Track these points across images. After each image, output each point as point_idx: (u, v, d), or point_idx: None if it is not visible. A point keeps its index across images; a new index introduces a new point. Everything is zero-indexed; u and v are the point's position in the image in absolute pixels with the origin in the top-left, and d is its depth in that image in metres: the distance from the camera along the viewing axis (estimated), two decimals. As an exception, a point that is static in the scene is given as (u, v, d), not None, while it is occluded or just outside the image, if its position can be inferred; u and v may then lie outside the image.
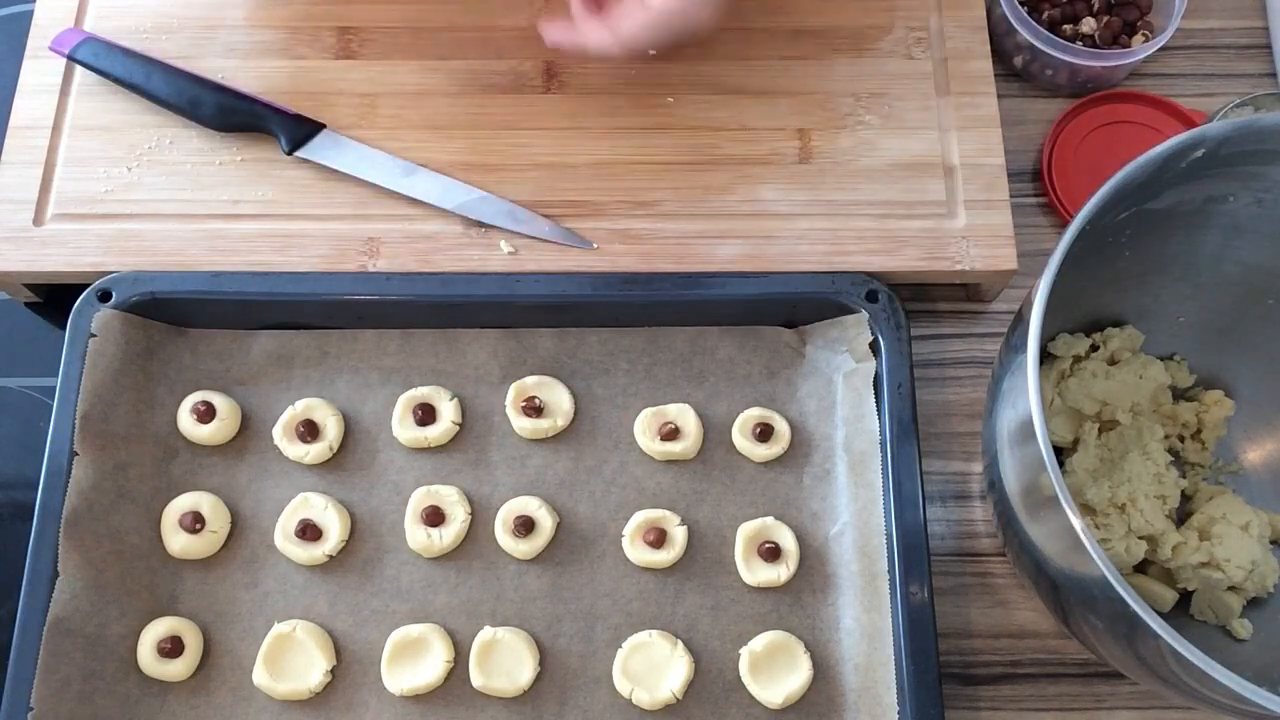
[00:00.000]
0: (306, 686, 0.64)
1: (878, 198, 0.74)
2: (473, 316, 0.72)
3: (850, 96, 0.77)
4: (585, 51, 0.70)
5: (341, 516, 0.68)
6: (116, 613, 0.65)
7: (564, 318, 0.72)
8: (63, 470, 0.66)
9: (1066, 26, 0.81)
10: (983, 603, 0.70)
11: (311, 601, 0.67)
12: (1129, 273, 0.67)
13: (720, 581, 0.68)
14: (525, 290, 0.71)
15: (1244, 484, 0.71)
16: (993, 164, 0.75)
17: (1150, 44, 0.78)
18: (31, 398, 0.74)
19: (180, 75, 0.76)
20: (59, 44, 0.76)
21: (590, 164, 0.75)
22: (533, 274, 0.71)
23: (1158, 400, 0.70)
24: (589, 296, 0.71)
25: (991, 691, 0.68)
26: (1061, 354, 0.69)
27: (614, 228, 0.73)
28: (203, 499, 0.68)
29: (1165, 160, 0.57)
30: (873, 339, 0.70)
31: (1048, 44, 0.77)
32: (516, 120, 0.77)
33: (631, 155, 0.76)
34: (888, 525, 0.66)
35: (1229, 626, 0.66)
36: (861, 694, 0.64)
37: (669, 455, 0.70)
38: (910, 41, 0.79)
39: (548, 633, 0.66)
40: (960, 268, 0.72)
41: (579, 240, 0.73)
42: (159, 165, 0.75)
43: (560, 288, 0.71)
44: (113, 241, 0.72)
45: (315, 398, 0.71)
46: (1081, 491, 0.66)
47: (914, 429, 0.67)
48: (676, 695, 0.64)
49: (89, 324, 0.69)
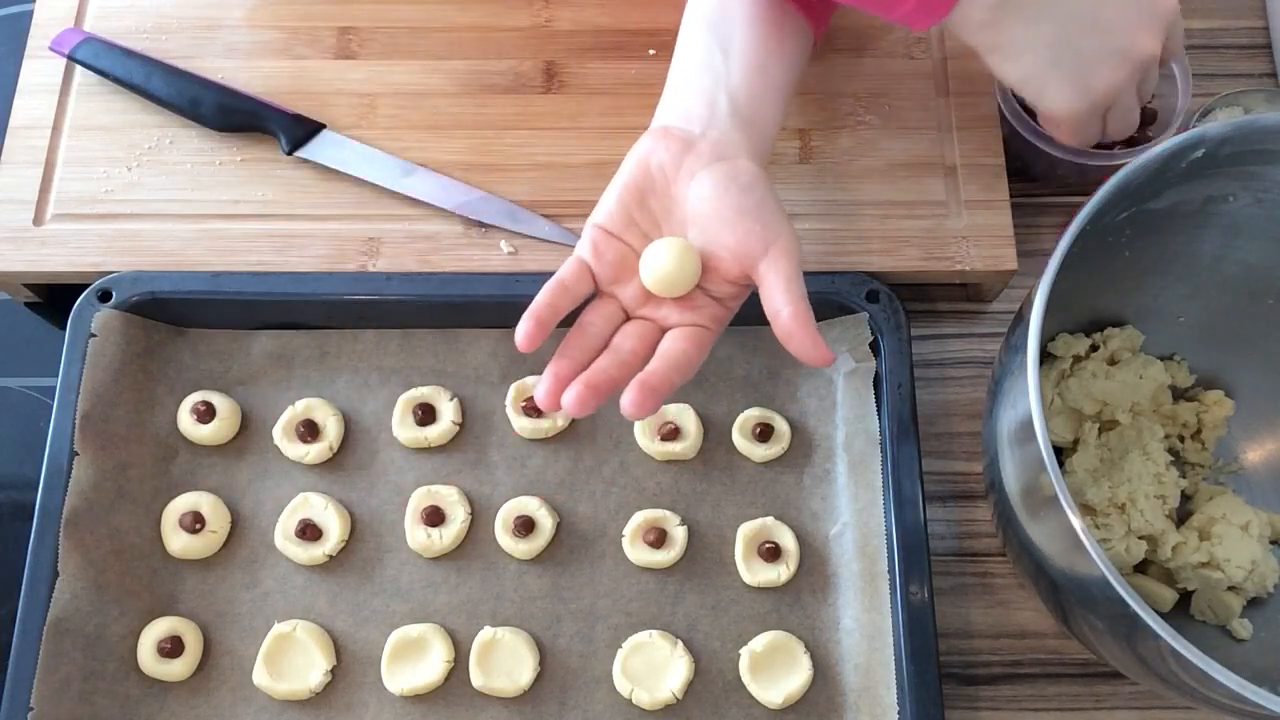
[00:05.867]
0: (306, 686, 0.64)
1: (878, 198, 0.74)
2: (473, 316, 0.72)
3: (850, 96, 0.77)
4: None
5: (341, 516, 0.68)
6: (116, 613, 0.65)
7: (564, 318, 0.72)
8: (63, 470, 0.66)
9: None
10: (983, 603, 0.70)
11: (311, 601, 0.67)
12: (1129, 273, 0.67)
13: (720, 581, 0.68)
14: (525, 290, 0.70)
15: (1244, 484, 0.71)
16: (993, 164, 0.75)
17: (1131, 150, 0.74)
18: (31, 398, 0.74)
19: (180, 75, 0.76)
20: (59, 44, 0.76)
21: (590, 164, 0.75)
22: (533, 274, 0.71)
23: (1158, 400, 0.70)
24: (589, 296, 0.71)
25: (991, 691, 0.68)
26: (1061, 354, 0.69)
27: (614, 228, 0.73)
28: (203, 499, 0.68)
29: (1165, 160, 0.57)
30: (873, 339, 0.70)
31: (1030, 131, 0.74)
32: (516, 120, 0.77)
33: (631, 155, 0.76)
34: (888, 525, 0.66)
35: (1229, 626, 0.66)
36: (861, 694, 0.64)
37: (669, 455, 0.70)
38: (910, 41, 0.79)
39: (548, 633, 0.66)
40: (960, 268, 0.72)
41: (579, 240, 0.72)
42: (159, 165, 0.75)
43: (560, 288, 0.71)
44: (113, 241, 0.72)
45: (315, 398, 0.71)
46: (1081, 491, 0.66)
47: (914, 429, 0.67)
48: (676, 695, 0.64)
49: (89, 324, 0.69)
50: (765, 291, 0.57)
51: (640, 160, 0.60)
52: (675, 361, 0.56)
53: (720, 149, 0.59)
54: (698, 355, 0.57)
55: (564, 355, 0.57)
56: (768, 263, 0.57)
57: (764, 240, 0.57)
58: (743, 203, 0.58)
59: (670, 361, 0.56)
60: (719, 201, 0.58)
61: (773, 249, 0.57)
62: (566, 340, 0.57)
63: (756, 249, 0.57)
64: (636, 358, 0.57)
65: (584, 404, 0.54)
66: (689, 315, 0.58)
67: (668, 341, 0.57)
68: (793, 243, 0.58)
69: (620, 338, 0.58)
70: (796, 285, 0.57)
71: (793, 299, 0.56)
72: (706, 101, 0.61)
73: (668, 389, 0.55)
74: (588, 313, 0.59)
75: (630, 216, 0.59)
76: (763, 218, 0.58)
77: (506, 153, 0.76)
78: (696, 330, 0.58)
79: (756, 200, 0.58)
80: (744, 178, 0.59)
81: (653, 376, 0.55)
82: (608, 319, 0.59)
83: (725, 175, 0.59)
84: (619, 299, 0.59)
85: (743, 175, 0.59)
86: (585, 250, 0.59)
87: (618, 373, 0.56)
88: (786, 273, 0.57)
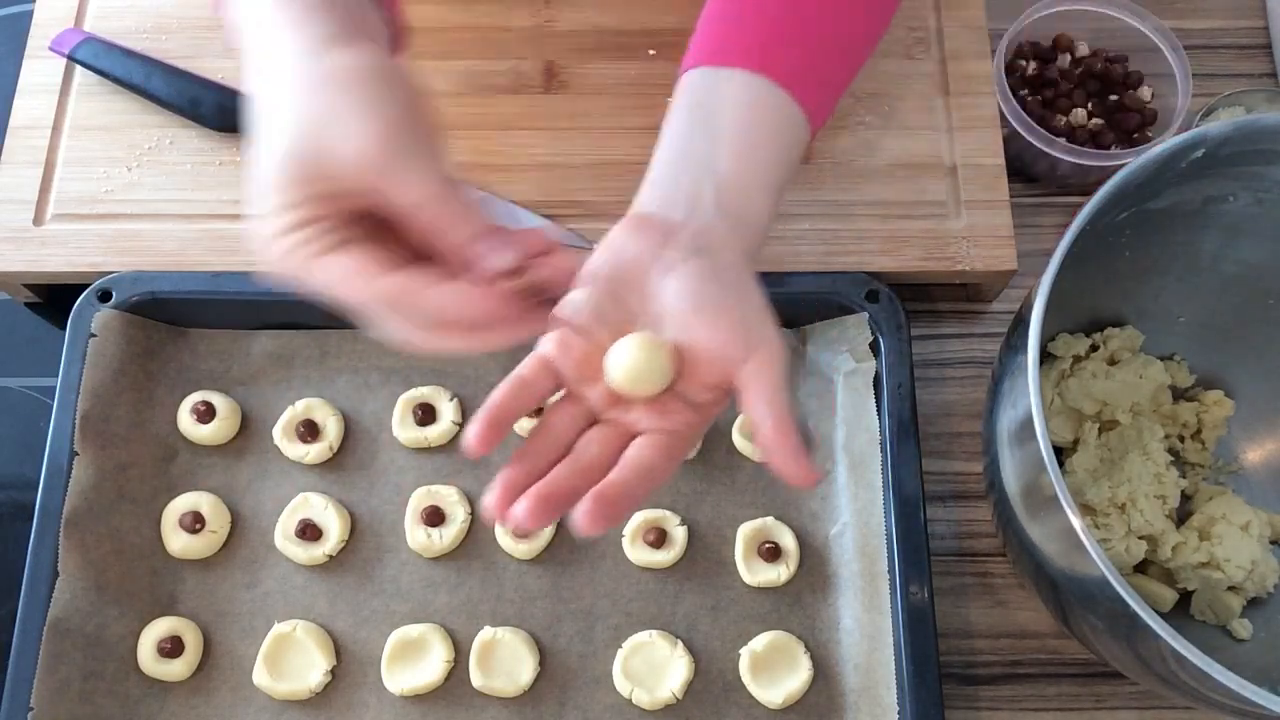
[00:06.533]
0: (306, 686, 0.64)
1: (878, 198, 0.74)
2: (473, 316, 0.72)
3: (850, 97, 0.77)
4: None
5: (341, 516, 0.68)
6: (116, 613, 0.65)
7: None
8: (63, 470, 0.66)
9: (1060, 117, 0.78)
10: (983, 603, 0.70)
11: (311, 601, 0.67)
12: (1129, 273, 0.67)
13: (720, 581, 0.68)
14: (525, 290, 0.71)
15: (1244, 484, 0.71)
16: (993, 164, 0.75)
17: (1131, 150, 0.75)
18: (31, 398, 0.74)
19: (180, 75, 0.76)
20: (59, 44, 0.76)
21: (590, 164, 0.75)
22: (533, 274, 0.71)
23: (1158, 400, 0.70)
24: (589, 296, 0.71)
25: (991, 691, 0.68)
26: (1061, 354, 0.69)
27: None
28: (203, 499, 0.68)
29: (1165, 160, 0.57)
30: (873, 339, 0.70)
31: (1029, 131, 0.75)
32: (516, 120, 0.77)
33: (631, 155, 0.75)
34: (888, 525, 0.66)
35: (1229, 626, 0.66)
36: (861, 694, 0.64)
37: (669, 455, 0.70)
38: (910, 41, 0.79)
39: (548, 633, 0.66)
40: (960, 268, 0.72)
41: (579, 240, 0.73)
42: (159, 165, 0.75)
43: (560, 288, 0.71)
44: (113, 241, 0.72)
45: (315, 398, 0.71)
46: (1081, 491, 0.66)
47: (914, 429, 0.67)
48: (676, 695, 0.64)
49: (89, 324, 0.69)
50: (745, 402, 0.51)
51: (614, 250, 0.53)
52: (639, 471, 0.50)
53: (703, 241, 0.53)
54: (665, 466, 0.50)
55: (519, 460, 0.50)
56: (750, 370, 0.51)
57: (747, 344, 0.51)
58: (725, 301, 0.52)
59: (634, 471, 0.50)
60: (698, 298, 0.52)
61: (756, 355, 0.51)
62: (526, 443, 0.51)
63: (738, 353, 0.51)
64: (599, 466, 0.50)
65: (536, 517, 0.47)
66: (660, 421, 0.51)
67: (634, 449, 0.51)
68: (778, 349, 0.52)
69: (583, 443, 0.51)
70: (781, 397, 0.51)
71: (775, 412, 0.50)
72: (690, 189, 0.55)
73: (628, 503, 0.49)
74: (550, 413, 0.52)
75: (601, 310, 0.52)
76: (746, 319, 0.52)
77: (507, 153, 0.76)
78: (667, 438, 0.51)
79: (740, 299, 0.53)
80: (728, 274, 0.53)
81: (612, 488, 0.48)
82: (572, 421, 0.52)
83: (707, 270, 0.52)
84: (587, 400, 0.52)
85: (726, 271, 0.53)
86: (548, 346, 0.52)
87: (577, 482, 0.49)
88: (770, 382, 0.51)
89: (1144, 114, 0.78)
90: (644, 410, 0.51)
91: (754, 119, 0.57)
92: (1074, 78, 0.80)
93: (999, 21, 0.79)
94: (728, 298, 0.52)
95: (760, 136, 0.57)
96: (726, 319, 0.52)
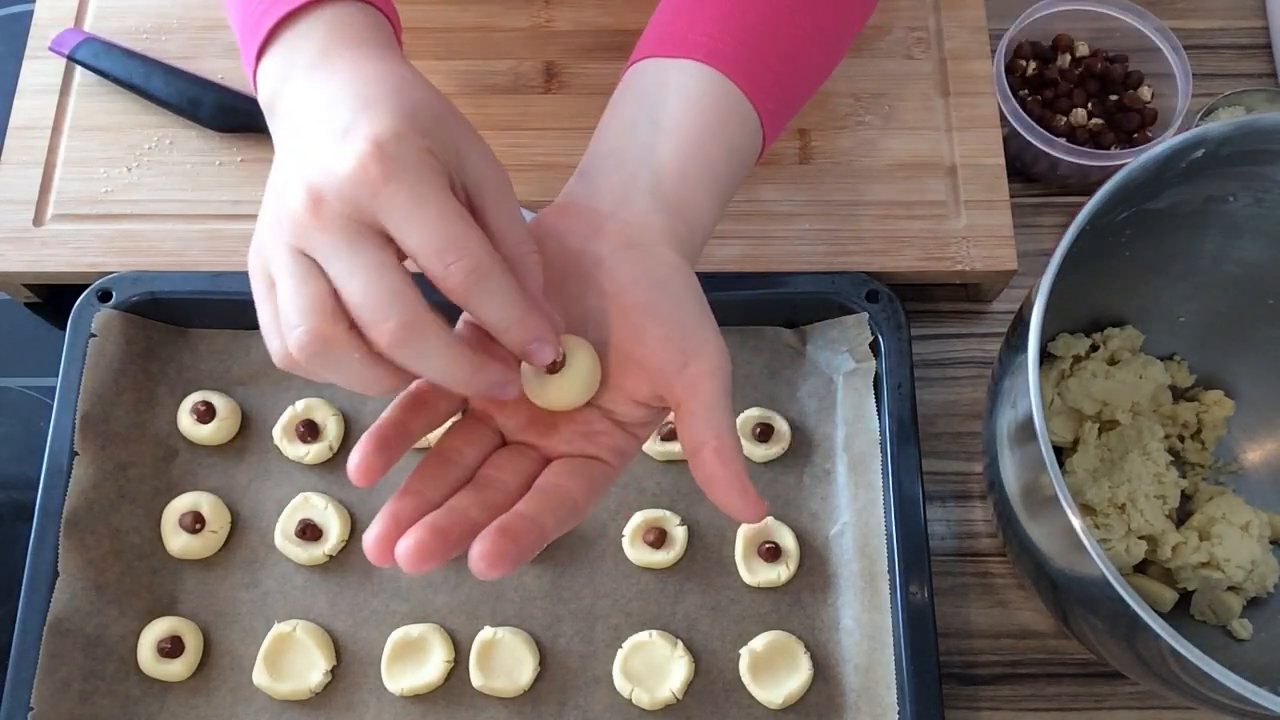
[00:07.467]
0: (306, 686, 0.64)
1: (878, 198, 0.74)
2: (473, 316, 0.72)
3: (850, 97, 0.77)
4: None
5: (341, 516, 0.68)
6: (116, 613, 0.65)
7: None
8: (63, 470, 0.66)
9: (1060, 117, 0.78)
10: (983, 603, 0.70)
11: (311, 601, 0.67)
12: (1129, 273, 0.67)
13: (720, 581, 0.68)
14: (525, 290, 0.71)
15: (1244, 484, 0.71)
16: (993, 164, 0.75)
17: (1131, 150, 0.75)
18: (31, 398, 0.74)
19: (180, 75, 0.76)
20: (59, 44, 0.76)
21: (590, 164, 0.75)
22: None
23: (1158, 400, 0.70)
24: (589, 296, 0.71)
25: (991, 691, 0.68)
26: (1061, 354, 0.69)
27: (614, 228, 0.73)
28: (203, 499, 0.68)
29: (1165, 160, 0.57)
30: (873, 339, 0.70)
31: (1029, 131, 0.75)
32: (516, 120, 0.77)
33: (631, 155, 0.76)
34: (888, 525, 0.66)
35: (1229, 626, 0.66)
36: (861, 694, 0.64)
37: (669, 455, 0.70)
38: (910, 42, 0.79)
39: (548, 633, 0.66)
40: (960, 268, 0.72)
41: None
42: (159, 165, 0.75)
43: (560, 288, 0.71)
44: (113, 241, 0.72)
45: (315, 398, 0.71)
46: (1081, 491, 0.66)
47: (914, 429, 0.67)
48: (676, 695, 0.64)
49: (89, 324, 0.69)
50: (681, 420, 0.44)
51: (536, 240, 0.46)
52: (553, 502, 0.42)
53: (635, 234, 0.47)
54: (586, 497, 0.44)
55: (410, 491, 0.42)
56: (686, 382, 0.44)
57: (682, 351, 0.44)
58: (657, 301, 0.45)
59: (546, 502, 0.42)
60: (625, 298, 0.45)
61: (693, 364, 0.44)
62: (417, 470, 0.44)
63: (671, 362, 0.44)
64: (507, 496, 0.43)
65: (423, 556, 0.39)
66: (582, 444, 0.45)
67: (549, 475, 0.44)
68: (719, 357, 0.45)
69: (490, 469, 0.44)
70: (721, 414, 0.44)
71: (716, 431, 0.44)
72: (624, 176, 0.49)
73: (536, 539, 0.41)
74: (450, 435, 0.45)
75: None
76: (682, 322, 0.45)
77: (507, 153, 0.75)
78: (588, 465, 0.44)
79: (674, 299, 0.46)
80: (660, 270, 0.46)
81: (518, 521, 0.41)
82: (477, 445, 0.45)
83: (637, 266, 0.46)
84: (495, 420, 0.46)
85: (659, 267, 0.47)
86: None
87: (478, 515, 0.42)
88: (709, 396, 0.44)
89: (1144, 114, 0.79)
90: (563, 433, 0.45)
91: (702, 108, 0.52)
92: (1074, 78, 0.80)
93: (999, 21, 0.79)
94: (660, 298, 0.46)
95: (708, 127, 0.52)
96: (658, 324, 0.45)
